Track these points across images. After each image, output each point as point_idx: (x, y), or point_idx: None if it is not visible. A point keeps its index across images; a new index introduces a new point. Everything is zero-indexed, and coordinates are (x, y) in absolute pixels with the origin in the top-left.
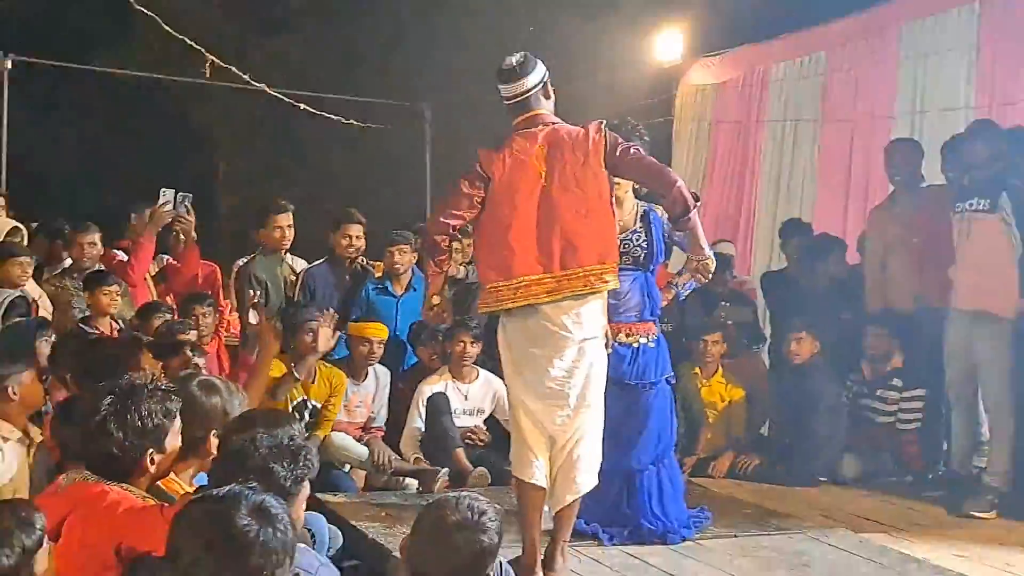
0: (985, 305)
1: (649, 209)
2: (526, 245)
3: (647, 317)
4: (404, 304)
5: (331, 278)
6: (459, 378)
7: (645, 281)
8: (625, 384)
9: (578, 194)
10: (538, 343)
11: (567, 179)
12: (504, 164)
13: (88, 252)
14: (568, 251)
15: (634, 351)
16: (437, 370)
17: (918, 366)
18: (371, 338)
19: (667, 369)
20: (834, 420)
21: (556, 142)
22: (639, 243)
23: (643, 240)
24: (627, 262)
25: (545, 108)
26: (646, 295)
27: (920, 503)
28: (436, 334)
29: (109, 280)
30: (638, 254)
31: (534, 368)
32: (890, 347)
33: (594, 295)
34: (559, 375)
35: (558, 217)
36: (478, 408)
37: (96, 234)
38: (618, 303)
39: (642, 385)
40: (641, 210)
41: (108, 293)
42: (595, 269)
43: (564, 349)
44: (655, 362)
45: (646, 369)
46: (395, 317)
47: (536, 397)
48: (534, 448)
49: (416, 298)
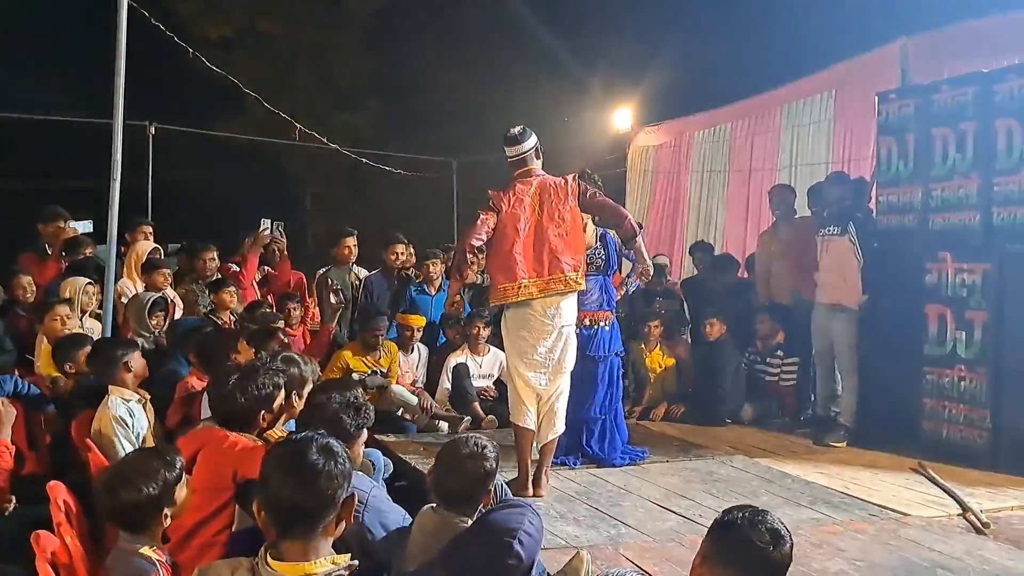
0: (839, 299)
1: (605, 232)
2: (524, 257)
3: (605, 308)
4: (437, 300)
5: (384, 283)
6: (475, 352)
7: (604, 283)
8: (587, 356)
9: (560, 223)
10: (529, 327)
11: (552, 213)
12: (509, 201)
13: (208, 265)
14: (553, 262)
15: (594, 332)
16: (459, 346)
17: (794, 341)
18: (412, 325)
19: (618, 347)
20: (736, 380)
21: (544, 188)
22: (599, 256)
23: (602, 254)
24: (591, 270)
25: (536, 164)
26: (604, 292)
27: (794, 437)
28: (459, 321)
29: (227, 284)
30: (599, 263)
31: (526, 345)
32: (773, 329)
33: (571, 293)
34: (543, 351)
35: (547, 239)
36: (489, 373)
37: (214, 251)
38: (584, 297)
39: (599, 357)
40: (600, 232)
41: (227, 293)
42: (571, 275)
43: (548, 333)
44: (609, 341)
45: (602, 345)
46: (430, 309)
47: (527, 366)
48: (526, 402)
49: (443, 296)
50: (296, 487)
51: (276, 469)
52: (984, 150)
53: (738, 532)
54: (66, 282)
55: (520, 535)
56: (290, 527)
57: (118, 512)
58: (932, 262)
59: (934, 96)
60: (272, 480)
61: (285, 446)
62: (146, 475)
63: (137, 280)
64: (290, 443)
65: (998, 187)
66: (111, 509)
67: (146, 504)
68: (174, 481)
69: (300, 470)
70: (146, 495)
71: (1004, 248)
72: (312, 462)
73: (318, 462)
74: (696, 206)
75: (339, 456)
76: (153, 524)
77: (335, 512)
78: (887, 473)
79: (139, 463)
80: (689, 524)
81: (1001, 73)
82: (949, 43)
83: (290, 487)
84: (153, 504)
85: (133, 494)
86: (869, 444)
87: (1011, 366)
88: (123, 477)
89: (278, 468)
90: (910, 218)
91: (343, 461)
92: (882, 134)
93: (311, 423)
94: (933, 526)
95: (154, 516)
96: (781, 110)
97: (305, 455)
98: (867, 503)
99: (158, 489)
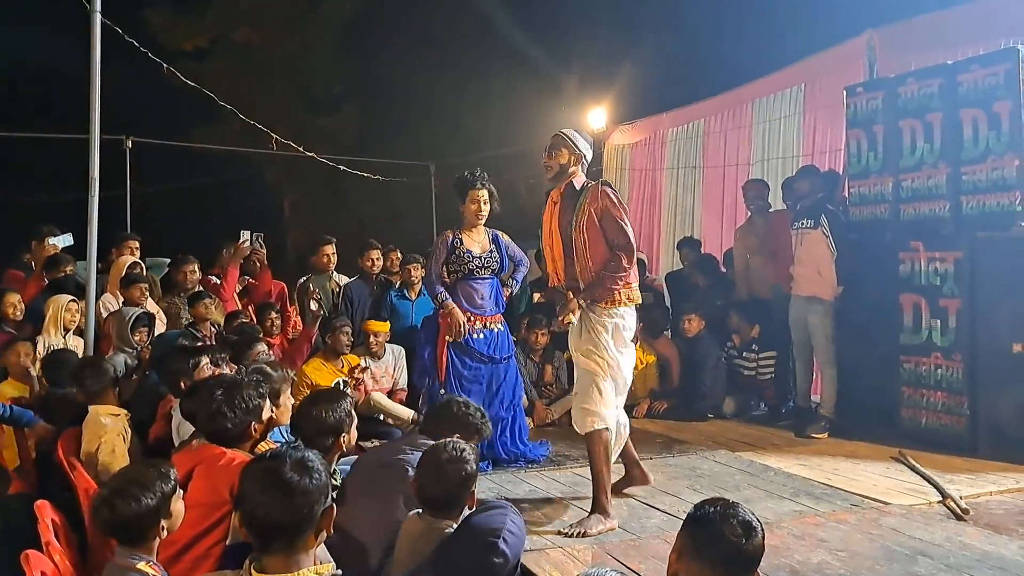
0: (814, 291)
1: (496, 234)
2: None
3: (499, 311)
4: (417, 305)
5: (364, 289)
6: None
7: (497, 285)
8: (492, 357)
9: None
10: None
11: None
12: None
13: (189, 277)
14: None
15: (495, 335)
16: None
17: (773, 335)
18: (375, 331)
19: (512, 348)
20: (717, 374)
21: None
22: (494, 259)
23: (496, 257)
24: (487, 273)
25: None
26: (498, 295)
27: (775, 429)
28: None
29: (204, 296)
30: (494, 267)
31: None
32: (743, 324)
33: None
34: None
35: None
36: None
37: (195, 264)
38: (483, 302)
39: (502, 358)
40: (492, 235)
41: (206, 306)
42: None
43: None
44: (507, 342)
45: (503, 347)
46: (411, 314)
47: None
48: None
49: (424, 301)
50: (272, 505)
51: (253, 487)
52: (951, 140)
53: (710, 526)
54: (50, 300)
55: (504, 534)
56: (270, 542)
57: (117, 525)
58: (905, 251)
59: (900, 88)
60: (249, 498)
61: (260, 463)
62: (144, 487)
63: (119, 295)
64: (265, 460)
65: (966, 176)
66: (110, 522)
67: (145, 515)
68: (170, 492)
69: (276, 487)
70: (145, 506)
71: (974, 236)
72: (287, 479)
73: (292, 479)
74: (673, 203)
75: (314, 470)
76: (151, 536)
77: (313, 526)
78: (868, 463)
79: (136, 475)
80: (673, 521)
81: (965, 63)
82: (914, 35)
83: (266, 505)
84: (151, 515)
85: (132, 506)
86: (849, 434)
87: (986, 352)
88: (121, 490)
89: (255, 486)
90: (882, 209)
91: (319, 475)
92: (851, 127)
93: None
94: (913, 514)
95: (152, 528)
96: (752, 105)
97: (280, 472)
98: (848, 493)
99: (155, 500)
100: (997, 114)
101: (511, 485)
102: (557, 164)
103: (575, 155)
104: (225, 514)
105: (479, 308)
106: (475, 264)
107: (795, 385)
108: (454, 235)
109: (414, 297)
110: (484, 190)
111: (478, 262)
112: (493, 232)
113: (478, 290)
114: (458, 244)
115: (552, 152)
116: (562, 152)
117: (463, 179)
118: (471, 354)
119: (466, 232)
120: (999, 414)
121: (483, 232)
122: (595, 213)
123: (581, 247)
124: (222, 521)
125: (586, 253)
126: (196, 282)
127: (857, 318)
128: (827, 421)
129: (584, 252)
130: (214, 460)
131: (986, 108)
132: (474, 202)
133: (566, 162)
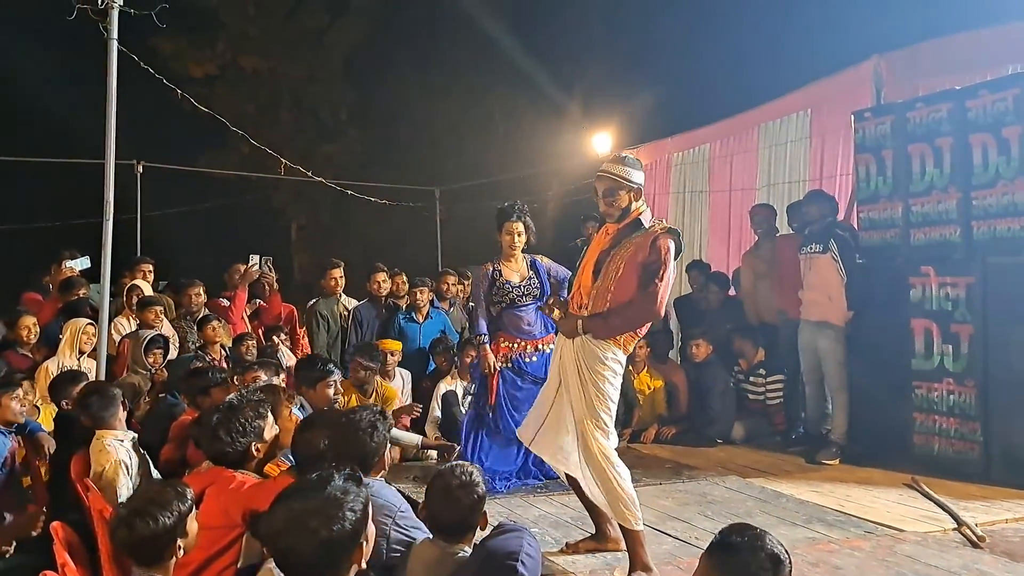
0: (824, 316)
1: (534, 259)
2: None
3: (551, 331)
4: (425, 328)
5: (372, 312)
6: (464, 378)
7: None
8: (538, 379)
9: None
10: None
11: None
12: None
13: (194, 300)
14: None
15: (547, 357)
16: (448, 373)
17: (780, 359)
18: (388, 349)
19: None
20: (725, 399)
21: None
22: (534, 285)
23: (536, 283)
24: (528, 299)
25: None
26: (543, 318)
27: (786, 455)
28: (448, 348)
29: (212, 319)
30: (535, 292)
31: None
32: (749, 348)
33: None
34: None
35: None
36: None
37: (200, 287)
38: (531, 328)
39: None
40: (530, 260)
41: (214, 329)
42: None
43: None
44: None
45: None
46: (419, 337)
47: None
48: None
49: (432, 324)
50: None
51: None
52: (961, 165)
53: (736, 556)
54: (68, 323)
55: (522, 556)
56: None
57: (135, 545)
58: (916, 277)
59: (909, 113)
60: (281, 540)
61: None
62: (161, 506)
63: (132, 318)
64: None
65: (976, 201)
66: (128, 542)
67: (162, 534)
68: (187, 512)
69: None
70: (162, 525)
71: (986, 261)
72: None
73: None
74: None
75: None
76: (167, 555)
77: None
78: (881, 489)
79: (154, 495)
80: (685, 547)
81: (974, 89)
82: (921, 61)
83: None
84: (169, 535)
85: (150, 525)
86: (862, 461)
87: (998, 377)
88: (139, 509)
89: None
90: (892, 234)
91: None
92: (859, 152)
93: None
94: (928, 541)
95: (169, 547)
96: (759, 130)
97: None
98: (862, 520)
99: (173, 519)
100: (1007, 139)
101: (520, 510)
102: (618, 209)
103: (633, 192)
104: (237, 536)
105: (528, 333)
106: (515, 293)
107: (805, 411)
108: (493, 267)
109: (421, 320)
110: (520, 223)
111: (518, 291)
112: (531, 258)
113: (523, 317)
114: (497, 276)
115: (610, 199)
116: (620, 196)
117: (502, 210)
118: (524, 376)
119: (504, 263)
120: (1013, 440)
121: (521, 260)
122: (644, 257)
123: (612, 272)
124: (234, 544)
125: (612, 277)
126: (202, 305)
127: (868, 343)
128: (838, 447)
129: (610, 276)
130: (225, 483)
131: (995, 133)
132: (509, 233)
133: (627, 204)
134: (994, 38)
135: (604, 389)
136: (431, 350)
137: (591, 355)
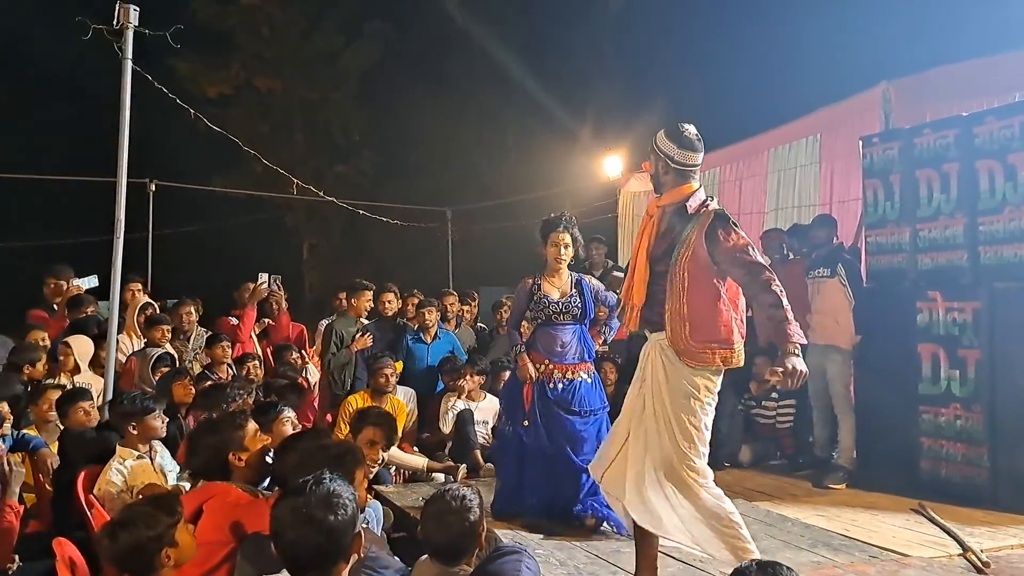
0: (832, 340)
1: (580, 278)
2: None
3: (586, 359)
4: (433, 348)
5: (380, 332)
6: (473, 398)
7: (581, 332)
8: (572, 411)
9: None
10: None
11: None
12: None
13: (186, 319)
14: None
15: (576, 385)
16: (458, 392)
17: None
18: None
19: (603, 401)
20: (733, 422)
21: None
22: (575, 304)
23: (578, 302)
24: (567, 318)
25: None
26: (582, 343)
27: (793, 479)
28: (456, 369)
29: (220, 339)
30: (575, 312)
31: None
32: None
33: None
34: None
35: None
36: (485, 420)
37: (191, 306)
38: (563, 350)
39: (585, 412)
40: (575, 279)
41: (223, 349)
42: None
43: None
44: (593, 393)
45: (586, 399)
46: (427, 357)
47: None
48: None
49: (440, 344)
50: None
51: (284, 523)
52: (968, 191)
53: None
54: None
55: None
56: (304, 571)
57: (119, 555)
58: (922, 301)
59: (916, 139)
60: (282, 534)
61: (289, 500)
62: (144, 516)
63: (134, 336)
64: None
65: (983, 227)
66: (111, 551)
67: (146, 543)
68: (173, 522)
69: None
70: (144, 535)
71: (993, 286)
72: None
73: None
74: None
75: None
76: (156, 566)
77: (344, 556)
78: (887, 514)
79: (135, 507)
80: (691, 570)
81: (981, 116)
82: (929, 87)
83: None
84: (153, 543)
85: (132, 534)
86: (868, 485)
87: (1006, 403)
88: (122, 520)
89: (285, 522)
90: (899, 258)
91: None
92: (867, 177)
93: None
94: (934, 566)
95: (156, 556)
96: (768, 154)
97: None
98: (867, 545)
99: (156, 530)
100: (1013, 166)
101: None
102: (648, 175)
103: (662, 161)
104: (230, 552)
105: (558, 356)
106: (553, 310)
107: (813, 435)
108: (533, 281)
109: (429, 340)
110: (567, 234)
111: (556, 308)
112: (577, 276)
113: (557, 337)
114: (536, 290)
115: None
116: (649, 160)
117: (547, 221)
118: (547, 403)
119: (546, 278)
120: (1020, 466)
121: (565, 276)
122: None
123: (679, 287)
124: (228, 559)
125: (683, 295)
126: (194, 324)
127: (875, 367)
128: (845, 471)
129: (681, 293)
130: (220, 497)
131: (1002, 160)
132: (554, 245)
133: (655, 171)
134: (1001, 65)
135: (701, 422)
136: (440, 368)
137: (681, 386)
